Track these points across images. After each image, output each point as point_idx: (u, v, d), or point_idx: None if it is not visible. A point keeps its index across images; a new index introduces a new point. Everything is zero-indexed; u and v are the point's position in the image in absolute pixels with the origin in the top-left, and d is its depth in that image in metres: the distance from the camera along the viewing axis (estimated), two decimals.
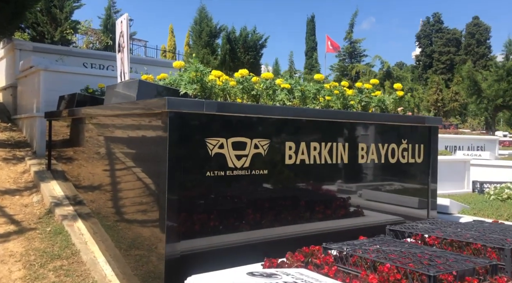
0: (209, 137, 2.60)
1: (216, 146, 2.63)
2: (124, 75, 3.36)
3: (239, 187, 2.73)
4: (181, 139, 2.51)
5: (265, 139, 2.82)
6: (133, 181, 2.94)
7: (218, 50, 32.24)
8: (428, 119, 3.65)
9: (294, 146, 2.95)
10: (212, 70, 2.97)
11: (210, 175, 2.61)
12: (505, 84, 22.16)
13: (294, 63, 30.97)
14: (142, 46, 31.35)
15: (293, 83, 3.27)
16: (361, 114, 3.40)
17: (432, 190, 3.70)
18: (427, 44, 63.91)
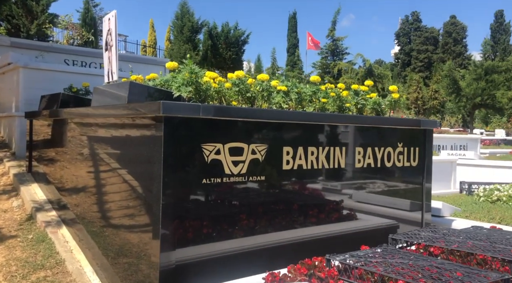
0: (206, 143, 2.48)
1: (213, 152, 2.51)
2: (112, 75, 3.20)
3: (236, 194, 2.62)
4: (176, 145, 2.38)
5: (262, 144, 2.71)
6: (123, 187, 2.79)
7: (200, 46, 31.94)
8: (423, 122, 3.60)
9: (292, 150, 2.85)
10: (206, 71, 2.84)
11: (206, 182, 2.49)
12: (483, 83, 22.60)
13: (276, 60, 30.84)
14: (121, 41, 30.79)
15: (289, 85, 3.16)
16: (360, 118, 3.33)
17: (426, 193, 3.67)
18: (406, 42, 64.77)
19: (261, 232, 2.72)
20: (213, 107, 2.50)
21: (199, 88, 2.68)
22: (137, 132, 2.59)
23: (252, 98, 3.08)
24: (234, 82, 2.88)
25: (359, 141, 3.25)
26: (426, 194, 3.66)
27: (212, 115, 2.49)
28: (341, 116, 3.24)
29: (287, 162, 2.83)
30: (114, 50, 3.13)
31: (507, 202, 4.26)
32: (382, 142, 3.37)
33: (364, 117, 3.41)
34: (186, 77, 2.62)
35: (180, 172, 2.39)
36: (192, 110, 2.40)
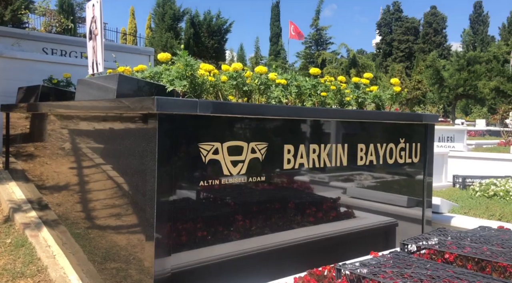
0: (203, 142, 2.28)
1: (211, 152, 2.32)
2: (97, 66, 2.96)
3: (235, 195, 2.43)
4: (171, 144, 2.18)
5: (262, 142, 2.53)
6: (112, 190, 2.58)
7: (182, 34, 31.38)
8: (425, 117, 3.47)
9: (293, 148, 2.68)
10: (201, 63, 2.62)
11: (203, 185, 2.30)
12: (466, 74, 22.80)
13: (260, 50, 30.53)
14: None
15: (289, 78, 2.97)
16: (364, 113, 3.17)
17: (427, 189, 3.55)
18: (387, 32, 65.10)
19: (260, 233, 2.55)
20: (211, 103, 2.29)
21: (194, 82, 2.47)
22: (128, 130, 2.37)
23: (249, 92, 2.88)
24: (231, 75, 2.67)
25: (361, 137, 3.09)
26: (427, 190, 3.54)
27: (210, 112, 2.29)
28: (347, 112, 3.07)
29: (288, 161, 2.66)
30: (99, 40, 2.88)
31: (504, 197, 4.20)
32: (385, 138, 3.23)
33: (368, 112, 3.26)
34: (180, 70, 2.40)
35: (175, 174, 2.19)
36: (188, 106, 2.20)
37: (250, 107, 2.46)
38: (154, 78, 2.94)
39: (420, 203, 3.55)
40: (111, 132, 2.53)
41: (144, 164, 2.22)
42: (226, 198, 2.40)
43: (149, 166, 2.16)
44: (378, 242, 3.35)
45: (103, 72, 3.03)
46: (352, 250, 3.06)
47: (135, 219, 2.33)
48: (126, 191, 2.41)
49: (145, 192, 2.17)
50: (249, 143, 2.47)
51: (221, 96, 2.68)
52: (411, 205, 3.51)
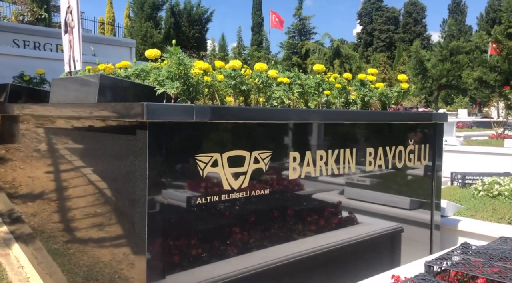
0: (200, 153, 1.97)
1: (209, 164, 2.01)
2: (74, 63, 2.60)
3: (236, 212, 2.14)
4: (164, 157, 1.87)
5: (266, 151, 2.23)
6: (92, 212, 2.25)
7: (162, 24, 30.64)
8: (435, 116, 3.23)
9: (299, 156, 2.39)
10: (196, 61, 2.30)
11: (201, 203, 1.99)
12: (449, 64, 22.86)
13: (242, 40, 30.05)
14: None
15: (291, 77, 2.67)
16: (376, 114, 2.91)
17: (436, 191, 3.32)
18: (368, 22, 65.21)
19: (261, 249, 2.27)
20: (210, 109, 1.98)
21: (188, 83, 2.15)
22: (112, 140, 2.04)
23: (247, 91, 2.57)
24: (229, 74, 2.35)
25: (370, 141, 2.82)
26: (436, 192, 3.31)
27: (208, 118, 1.98)
28: (361, 113, 2.80)
29: (293, 170, 2.37)
30: (77, 33, 2.52)
31: (510, 197, 4.02)
32: (394, 140, 2.97)
33: (382, 113, 3.00)
34: (173, 70, 2.07)
35: (168, 192, 1.89)
36: (183, 113, 1.88)
37: (255, 112, 2.16)
38: (140, 76, 2.61)
39: (428, 206, 3.32)
40: (91, 142, 2.20)
41: (131, 181, 1.90)
42: (226, 216, 2.10)
43: (138, 185, 1.84)
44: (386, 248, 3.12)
45: (81, 70, 2.68)
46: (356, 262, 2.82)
47: (124, 251, 2.01)
48: (109, 219, 2.08)
49: (133, 221, 1.86)
50: (252, 152, 2.17)
51: (217, 97, 2.37)
52: (418, 208, 3.28)
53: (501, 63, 19.65)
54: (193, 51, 33.77)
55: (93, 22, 28.89)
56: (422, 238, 3.34)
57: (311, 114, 2.47)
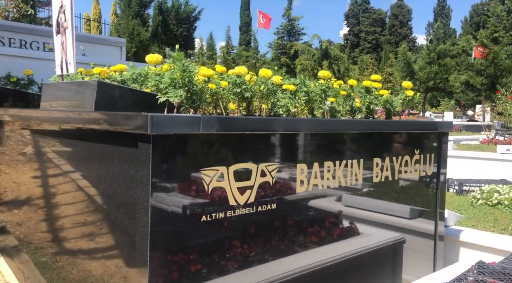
0: (205, 166, 1.84)
1: (214, 178, 1.88)
2: (67, 66, 2.44)
3: (242, 229, 2.01)
4: (167, 172, 1.74)
5: (273, 163, 2.11)
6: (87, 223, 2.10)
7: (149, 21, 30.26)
8: (440, 125, 3.15)
9: (306, 168, 2.27)
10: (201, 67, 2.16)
11: (206, 220, 1.86)
12: (436, 67, 23.07)
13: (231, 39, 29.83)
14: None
15: (297, 84, 2.55)
16: (389, 124, 2.81)
17: (441, 200, 3.24)
18: (354, 23, 65.61)
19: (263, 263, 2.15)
20: (217, 120, 1.85)
21: (191, 91, 2.01)
22: (110, 151, 1.89)
23: (249, 98, 2.44)
24: (234, 81, 2.22)
25: (377, 151, 2.73)
26: (440, 202, 3.23)
27: (216, 130, 1.85)
28: (373, 123, 2.70)
29: (301, 183, 2.25)
30: (70, 34, 2.36)
31: (509, 206, 3.97)
32: (401, 150, 2.88)
33: (392, 122, 2.89)
34: (177, 77, 1.93)
35: (172, 209, 1.75)
36: (189, 125, 1.75)
37: (265, 122, 2.03)
38: (137, 81, 2.46)
39: (431, 216, 3.24)
40: (86, 153, 2.04)
41: (132, 196, 1.76)
42: (232, 232, 1.98)
43: (140, 202, 1.70)
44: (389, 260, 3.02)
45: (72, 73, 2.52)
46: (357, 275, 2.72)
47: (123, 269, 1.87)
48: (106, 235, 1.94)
49: (134, 239, 1.72)
50: (259, 165, 2.05)
51: (221, 105, 2.24)
52: (422, 218, 3.19)
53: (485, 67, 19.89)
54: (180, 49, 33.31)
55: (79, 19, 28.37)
56: (424, 248, 3.26)
57: (325, 124, 2.37)
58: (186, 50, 34.89)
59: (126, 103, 2.03)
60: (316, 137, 2.35)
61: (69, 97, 2.05)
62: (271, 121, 2.06)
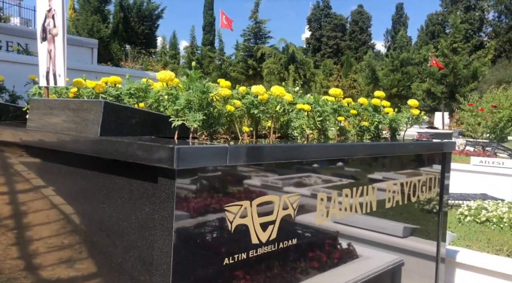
0: (229, 202, 1.63)
1: (238, 215, 1.67)
2: (55, 78, 2.14)
3: (262, 270, 1.80)
4: (191, 212, 1.51)
5: (295, 193, 1.92)
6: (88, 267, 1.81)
7: (110, 18, 29.30)
8: (445, 146, 3.07)
9: (326, 197, 2.10)
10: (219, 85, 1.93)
11: (228, 263, 1.64)
12: (399, 75, 23.72)
13: (196, 39, 29.36)
14: (15, 5, 27.00)
15: (312, 103, 2.37)
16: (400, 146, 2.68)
17: (443, 221, 3.16)
18: (316, 28, 66.57)
19: None
20: (244, 149, 1.64)
21: (209, 114, 1.78)
22: (120, 186, 1.63)
23: (258, 118, 2.25)
24: (251, 102, 2.01)
25: (391, 175, 2.60)
26: (443, 222, 3.15)
27: (243, 161, 1.64)
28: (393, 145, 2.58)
29: (321, 213, 2.08)
30: (61, 43, 2.06)
31: (498, 224, 3.99)
32: (410, 173, 2.77)
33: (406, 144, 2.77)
34: (194, 99, 1.69)
35: (194, 254, 1.52)
36: (216, 156, 1.53)
37: (298, 150, 1.84)
38: (135, 96, 2.20)
39: (432, 237, 3.16)
40: (89, 184, 1.76)
41: (148, 238, 1.51)
42: (253, 275, 1.76)
43: (159, 245, 1.46)
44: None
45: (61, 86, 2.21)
46: None
47: None
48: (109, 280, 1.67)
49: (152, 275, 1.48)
50: (281, 196, 1.85)
51: (237, 128, 2.02)
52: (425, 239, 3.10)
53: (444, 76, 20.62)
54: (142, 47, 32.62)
55: (33, 11, 26.91)
56: (424, 271, 3.17)
57: (354, 148, 2.21)
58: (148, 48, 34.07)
59: (133, 126, 1.77)
60: (337, 163, 2.18)
61: (66, 119, 1.76)
62: (306, 148, 1.87)
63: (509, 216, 4.00)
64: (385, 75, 23.87)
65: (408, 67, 23.61)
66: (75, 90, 2.26)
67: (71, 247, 1.83)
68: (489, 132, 12.95)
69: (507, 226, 3.94)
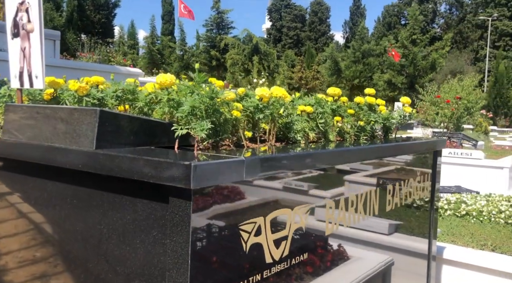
0: (243, 220, 1.48)
1: (252, 233, 1.52)
2: (31, 80, 1.89)
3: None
4: (207, 235, 1.36)
5: (305, 204, 1.80)
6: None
7: (64, 6, 27.98)
8: (437, 144, 3.04)
9: (334, 205, 1.99)
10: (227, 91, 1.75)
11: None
12: (361, 66, 24.10)
13: (156, 29, 28.50)
14: None
15: (313, 104, 2.24)
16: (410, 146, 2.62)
17: (435, 218, 3.14)
18: (277, 18, 66.65)
19: None
20: (259, 161, 1.48)
21: (217, 122, 1.61)
22: (119, 204, 1.44)
23: (256, 122, 2.09)
24: (255, 105, 1.85)
25: (389, 177, 2.52)
26: (434, 220, 3.13)
27: (260, 175, 1.49)
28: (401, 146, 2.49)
29: (329, 223, 1.96)
30: (38, 40, 1.82)
31: (478, 217, 4.05)
32: (407, 173, 2.71)
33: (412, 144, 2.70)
34: (200, 105, 1.51)
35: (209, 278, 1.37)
36: (233, 171, 1.37)
37: (315, 157, 1.70)
38: (122, 99, 1.99)
39: (423, 234, 3.13)
40: (83, 200, 1.55)
41: (157, 265, 1.34)
42: None
43: (173, 274, 1.30)
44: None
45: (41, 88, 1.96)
46: None
47: None
48: None
49: None
50: (293, 209, 1.72)
51: (242, 136, 1.86)
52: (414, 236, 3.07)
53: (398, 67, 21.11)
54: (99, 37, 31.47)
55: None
56: (415, 269, 3.15)
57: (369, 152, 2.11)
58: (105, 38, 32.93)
59: (130, 136, 1.57)
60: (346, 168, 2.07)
61: (52, 129, 1.54)
62: (323, 155, 1.74)
63: (488, 209, 4.07)
64: (347, 66, 24.24)
65: (369, 58, 24.06)
66: (51, 91, 2.02)
67: (62, 273, 1.62)
68: (447, 122, 13.37)
69: (486, 219, 4.01)
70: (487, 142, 12.97)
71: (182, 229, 1.28)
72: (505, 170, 6.31)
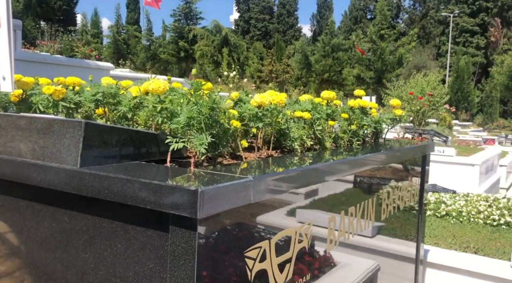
0: (249, 247, 1.33)
1: (257, 259, 1.37)
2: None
3: None
4: (212, 266, 1.20)
5: (309, 222, 1.66)
6: None
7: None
8: (427, 148, 2.97)
9: (335, 219, 1.87)
10: None
11: None
12: (330, 60, 24.20)
13: (121, 18, 27.53)
14: None
15: (310, 109, 2.10)
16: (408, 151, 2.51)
17: (423, 221, 3.09)
18: (245, 9, 66.13)
19: None
20: (264, 183, 1.32)
21: (216, 135, 1.44)
22: (110, 231, 1.25)
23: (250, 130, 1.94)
24: (255, 114, 1.69)
25: (383, 184, 2.43)
26: (422, 223, 3.08)
27: (267, 195, 1.34)
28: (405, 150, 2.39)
29: (330, 240, 1.84)
30: (6, 38, 1.59)
31: (457, 218, 4.05)
32: (400, 178, 2.63)
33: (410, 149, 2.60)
34: (199, 116, 1.34)
35: None
36: (241, 195, 1.21)
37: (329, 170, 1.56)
38: (102, 103, 1.78)
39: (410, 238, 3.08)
40: (63, 225, 1.35)
41: None
42: None
43: None
44: None
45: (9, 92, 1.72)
46: None
47: None
48: None
49: None
50: (297, 229, 1.58)
51: (240, 146, 1.69)
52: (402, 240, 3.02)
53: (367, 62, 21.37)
54: (60, 25, 30.23)
55: None
56: (402, 273, 3.10)
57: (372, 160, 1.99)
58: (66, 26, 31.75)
59: (115, 150, 1.38)
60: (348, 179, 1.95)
61: (27, 142, 1.32)
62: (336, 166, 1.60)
63: (467, 209, 4.09)
64: (317, 60, 24.31)
65: (338, 53, 24.22)
66: (20, 92, 1.79)
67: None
68: (413, 116, 13.61)
69: (466, 219, 4.02)
70: (452, 136, 13.31)
71: (185, 263, 1.11)
72: (476, 167, 6.43)
